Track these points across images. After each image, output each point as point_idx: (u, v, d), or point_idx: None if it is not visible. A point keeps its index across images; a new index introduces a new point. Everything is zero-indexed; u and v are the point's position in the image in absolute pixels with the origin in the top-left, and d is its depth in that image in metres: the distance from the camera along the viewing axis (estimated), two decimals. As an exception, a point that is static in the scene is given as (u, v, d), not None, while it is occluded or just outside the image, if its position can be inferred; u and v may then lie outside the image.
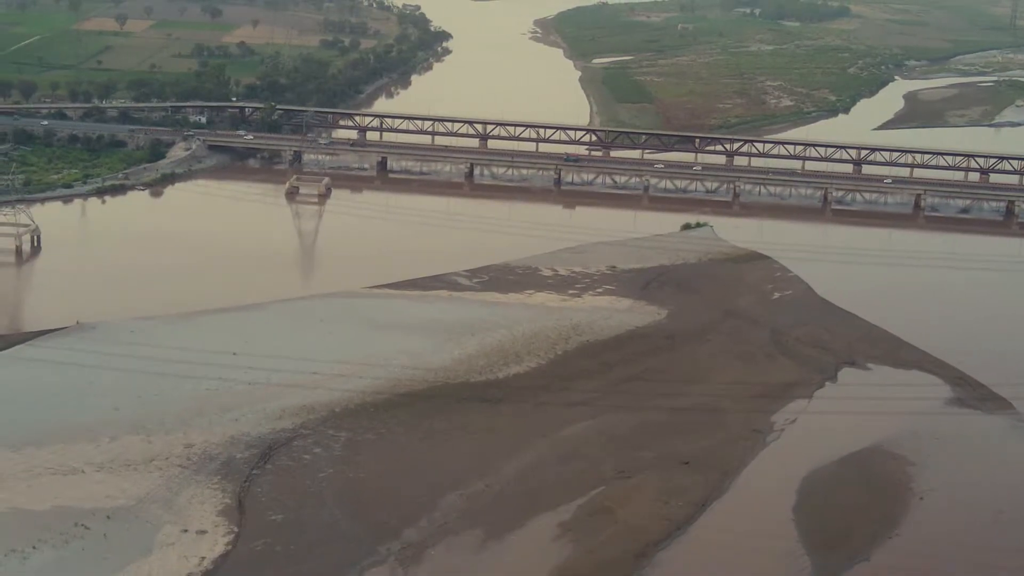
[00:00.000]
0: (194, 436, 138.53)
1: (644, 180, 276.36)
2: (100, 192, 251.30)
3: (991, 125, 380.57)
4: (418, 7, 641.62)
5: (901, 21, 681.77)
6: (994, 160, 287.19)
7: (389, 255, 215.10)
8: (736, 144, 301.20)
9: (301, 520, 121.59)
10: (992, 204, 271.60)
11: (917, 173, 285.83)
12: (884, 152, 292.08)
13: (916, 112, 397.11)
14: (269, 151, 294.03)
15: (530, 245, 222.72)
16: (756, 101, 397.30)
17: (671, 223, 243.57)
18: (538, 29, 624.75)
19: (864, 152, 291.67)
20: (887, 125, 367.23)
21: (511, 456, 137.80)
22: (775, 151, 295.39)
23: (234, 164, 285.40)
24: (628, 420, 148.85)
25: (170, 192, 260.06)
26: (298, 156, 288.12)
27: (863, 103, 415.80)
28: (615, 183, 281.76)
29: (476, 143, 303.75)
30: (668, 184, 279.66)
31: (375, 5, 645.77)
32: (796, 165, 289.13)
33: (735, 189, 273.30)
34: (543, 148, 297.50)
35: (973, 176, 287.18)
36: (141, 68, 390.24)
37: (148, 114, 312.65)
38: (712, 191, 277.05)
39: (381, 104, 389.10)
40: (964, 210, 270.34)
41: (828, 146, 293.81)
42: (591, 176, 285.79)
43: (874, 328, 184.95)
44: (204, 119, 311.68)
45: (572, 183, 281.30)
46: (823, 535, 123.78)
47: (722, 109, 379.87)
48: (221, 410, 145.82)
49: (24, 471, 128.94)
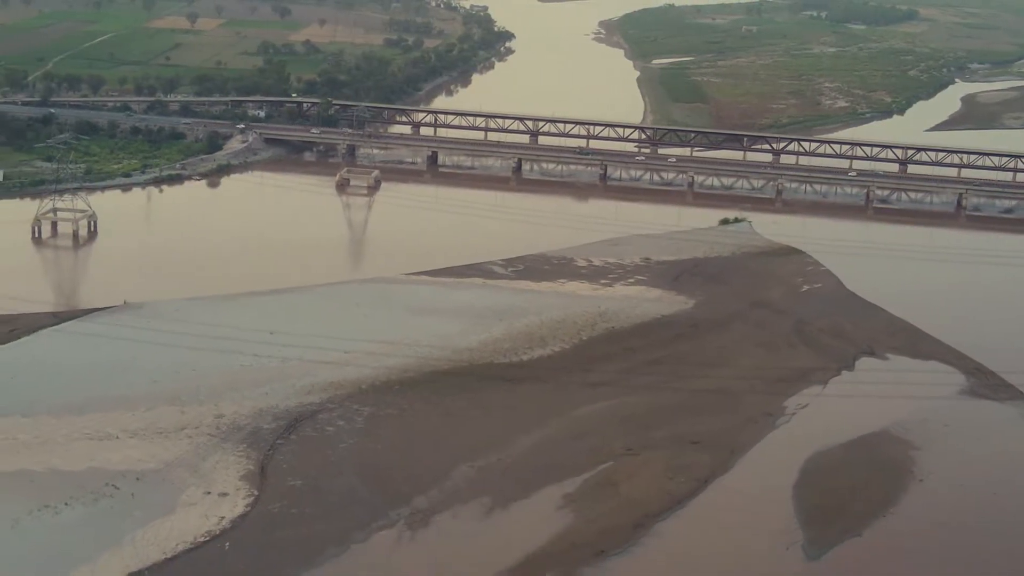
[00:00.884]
0: (225, 408, 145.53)
1: (688, 176, 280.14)
2: (157, 181, 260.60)
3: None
4: (485, 7, 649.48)
5: (969, 24, 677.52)
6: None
7: (431, 244, 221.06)
8: (782, 143, 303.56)
9: (319, 486, 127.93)
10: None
11: (965, 173, 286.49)
12: (930, 152, 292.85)
13: (972, 114, 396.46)
14: (325, 145, 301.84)
15: (568, 237, 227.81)
16: (811, 102, 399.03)
17: (711, 218, 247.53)
18: (602, 30, 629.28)
19: (910, 152, 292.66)
20: (940, 127, 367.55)
21: (526, 432, 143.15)
22: (821, 150, 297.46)
23: (289, 157, 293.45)
24: (644, 402, 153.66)
25: (225, 182, 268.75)
26: (352, 150, 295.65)
27: (920, 105, 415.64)
28: (661, 179, 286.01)
29: (527, 139, 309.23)
30: (715, 181, 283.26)
31: (442, 5, 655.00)
32: (843, 164, 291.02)
33: (778, 186, 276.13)
34: (592, 144, 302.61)
35: (1022, 177, 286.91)
36: (207, 65, 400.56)
37: (208, 108, 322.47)
38: (757, 189, 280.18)
39: (440, 101, 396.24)
40: (1008, 210, 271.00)
41: (874, 145, 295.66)
42: (639, 173, 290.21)
43: (897, 321, 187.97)
44: (263, 113, 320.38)
45: (619, 179, 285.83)
46: (819, 512, 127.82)
47: (775, 109, 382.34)
48: (253, 385, 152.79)
49: (64, 436, 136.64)
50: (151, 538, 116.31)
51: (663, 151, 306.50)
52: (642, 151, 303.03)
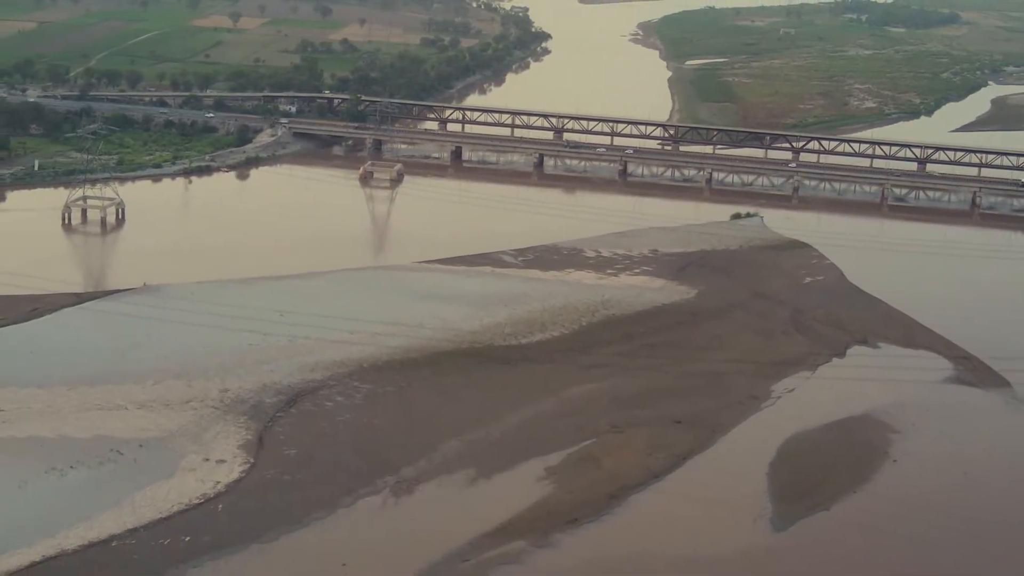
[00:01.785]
0: (230, 383, 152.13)
1: (706, 173, 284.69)
2: (187, 172, 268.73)
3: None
4: (526, 9, 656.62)
5: (1011, 28, 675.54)
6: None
7: (447, 235, 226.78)
8: (801, 141, 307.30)
9: (313, 456, 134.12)
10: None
11: (985, 173, 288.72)
12: (948, 151, 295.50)
13: (1000, 116, 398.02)
14: (352, 139, 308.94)
15: (581, 228, 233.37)
16: (838, 102, 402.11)
17: (726, 214, 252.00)
18: (640, 31, 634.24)
19: (928, 151, 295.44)
20: (966, 127, 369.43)
21: (516, 410, 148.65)
22: (840, 149, 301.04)
23: (317, 151, 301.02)
24: (634, 384, 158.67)
25: (253, 174, 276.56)
26: (378, 144, 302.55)
27: (949, 107, 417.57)
28: (682, 176, 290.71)
29: (551, 135, 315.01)
30: (734, 179, 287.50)
31: (482, 6, 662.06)
32: (863, 163, 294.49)
33: (795, 184, 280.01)
34: (617, 141, 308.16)
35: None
36: (246, 62, 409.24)
37: (242, 103, 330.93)
38: (776, 186, 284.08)
39: (471, 99, 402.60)
40: (1021, 209, 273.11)
41: (892, 144, 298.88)
42: (660, 169, 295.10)
43: (895, 312, 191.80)
44: (294, 109, 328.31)
45: (640, 176, 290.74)
46: (791, 488, 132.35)
47: (802, 109, 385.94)
48: (259, 362, 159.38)
49: (75, 406, 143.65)
50: (148, 500, 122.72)
51: (685, 149, 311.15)
52: (626, 152, 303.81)
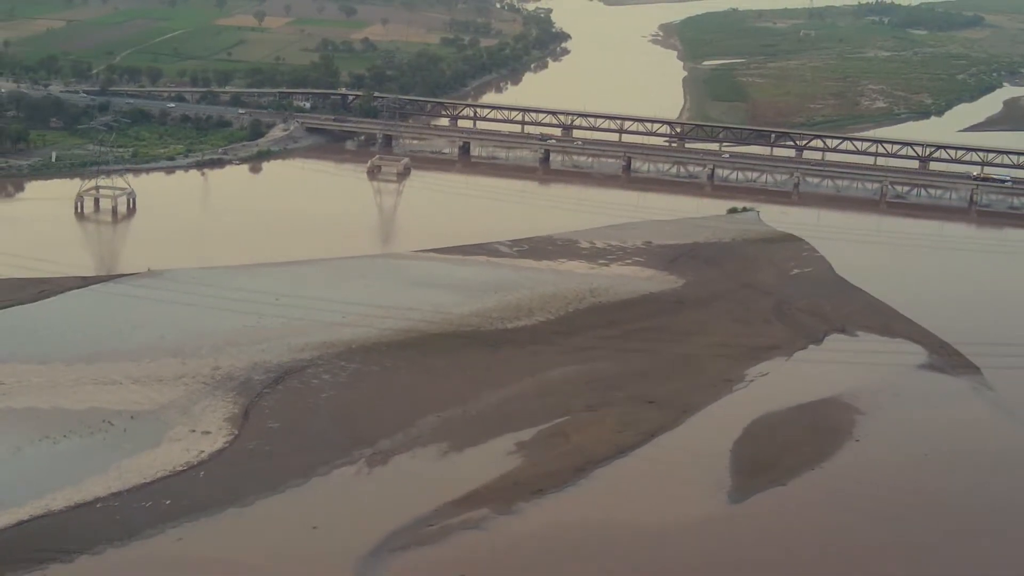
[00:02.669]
0: (223, 361, 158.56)
1: (708, 169, 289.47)
2: (199, 165, 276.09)
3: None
4: (549, 9, 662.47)
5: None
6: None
7: (447, 226, 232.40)
8: (805, 139, 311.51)
9: (295, 429, 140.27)
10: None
11: (987, 171, 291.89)
12: (950, 150, 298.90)
13: (1010, 116, 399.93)
14: (364, 134, 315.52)
15: (578, 221, 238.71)
16: (849, 102, 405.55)
17: (724, 208, 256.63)
18: (660, 32, 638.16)
19: (929, 149, 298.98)
20: (975, 127, 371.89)
21: (495, 389, 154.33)
22: (843, 147, 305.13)
23: (329, 145, 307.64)
24: (613, 367, 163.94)
25: (264, 167, 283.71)
26: (388, 139, 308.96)
27: (961, 107, 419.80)
28: (683, 172, 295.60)
29: (559, 132, 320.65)
30: (739, 176, 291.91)
31: (505, 7, 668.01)
32: (867, 161, 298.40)
33: (796, 180, 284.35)
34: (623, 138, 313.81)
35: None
36: (266, 60, 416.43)
37: (258, 99, 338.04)
38: (778, 183, 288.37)
39: (487, 97, 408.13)
40: (1015, 207, 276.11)
41: (894, 143, 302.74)
42: (664, 165, 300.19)
43: (877, 302, 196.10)
44: (308, 105, 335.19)
45: (645, 171, 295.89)
46: (752, 464, 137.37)
47: (812, 108, 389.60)
48: (252, 342, 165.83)
49: (72, 381, 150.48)
50: (134, 466, 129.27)
51: (690, 146, 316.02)
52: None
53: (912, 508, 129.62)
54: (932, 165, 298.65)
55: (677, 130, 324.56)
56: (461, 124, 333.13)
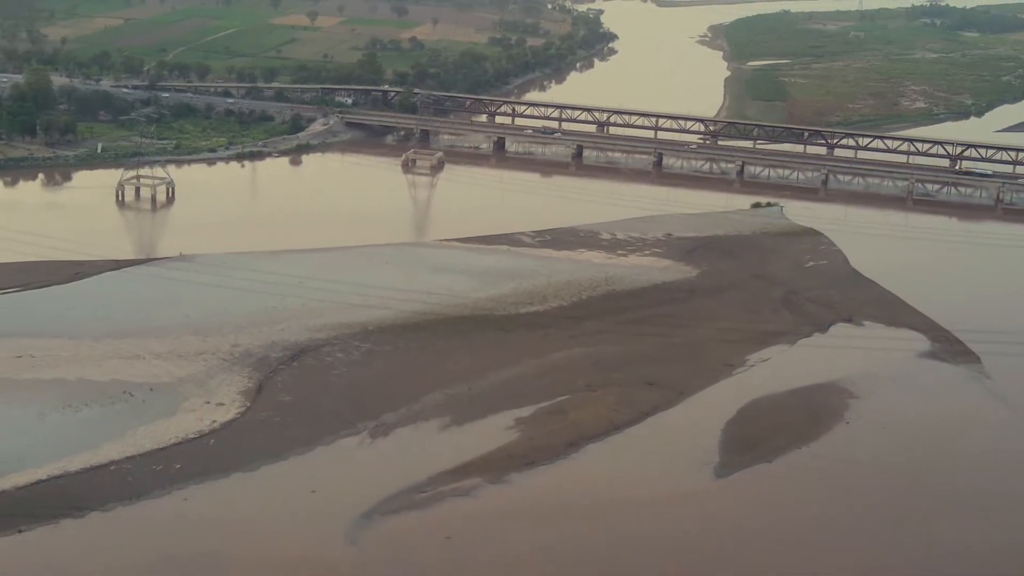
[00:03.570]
0: (242, 339, 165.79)
1: (738, 166, 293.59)
2: (240, 157, 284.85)
3: None
4: (601, 11, 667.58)
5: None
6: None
7: (474, 217, 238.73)
8: (836, 138, 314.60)
9: (305, 403, 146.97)
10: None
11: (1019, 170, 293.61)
12: (980, 149, 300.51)
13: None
14: (404, 129, 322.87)
15: (603, 213, 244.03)
16: (888, 102, 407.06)
17: (749, 203, 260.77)
18: (709, 34, 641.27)
19: (959, 148, 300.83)
20: (1014, 128, 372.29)
21: (500, 369, 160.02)
22: (874, 145, 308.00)
23: (367, 140, 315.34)
24: (618, 350, 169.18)
25: (302, 160, 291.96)
26: (425, 134, 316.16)
27: (1003, 108, 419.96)
28: (714, 169, 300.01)
29: (594, 129, 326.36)
30: (769, 172, 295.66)
31: (556, 8, 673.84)
32: (900, 159, 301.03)
33: (824, 177, 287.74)
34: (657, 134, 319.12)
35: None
36: (315, 58, 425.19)
37: (300, 95, 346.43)
38: (808, 180, 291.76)
39: (530, 95, 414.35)
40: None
41: (925, 141, 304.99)
42: (696, 162, 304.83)
43: (888, 294, 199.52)
44: (350, 100, 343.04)
45: (678, 168, 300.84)
46: (740, 443, 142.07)
47: (850, 108, 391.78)
48: (272, 322, 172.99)
49: (98, 355, 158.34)
50: (149, 433, 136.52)
51: (723, 143, 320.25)
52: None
53: (897, 489, 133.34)
54: (965, 164, 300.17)
55: (711, 128, 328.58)
56: (498, 120, 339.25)
